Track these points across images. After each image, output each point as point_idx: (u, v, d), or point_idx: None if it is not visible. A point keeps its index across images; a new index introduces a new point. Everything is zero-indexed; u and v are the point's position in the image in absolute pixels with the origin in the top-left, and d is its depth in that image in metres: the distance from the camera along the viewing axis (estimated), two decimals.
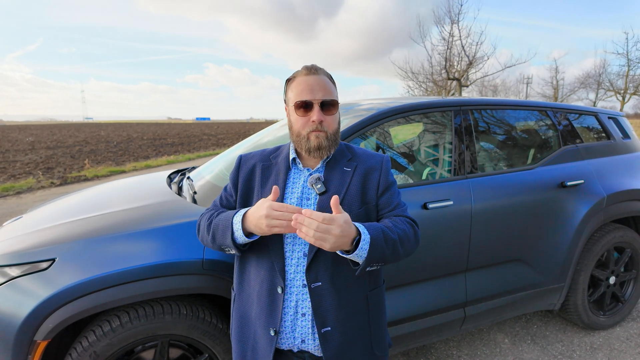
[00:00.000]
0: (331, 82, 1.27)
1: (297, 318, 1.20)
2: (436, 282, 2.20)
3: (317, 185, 1.22)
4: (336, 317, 1.19)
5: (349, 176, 1.26)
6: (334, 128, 1.24)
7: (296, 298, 1.19)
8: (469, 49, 18.32)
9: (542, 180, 2.47)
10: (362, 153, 1.34)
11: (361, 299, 1.24)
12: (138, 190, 2.48)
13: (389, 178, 1.30)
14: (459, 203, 2.18)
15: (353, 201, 1.23)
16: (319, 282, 1.18)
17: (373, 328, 1.27)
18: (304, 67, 1.27)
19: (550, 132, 2.76)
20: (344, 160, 1.29)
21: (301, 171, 1.29)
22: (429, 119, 2.45)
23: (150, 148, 20.12)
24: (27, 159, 15.25)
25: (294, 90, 1.23)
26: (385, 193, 1.28)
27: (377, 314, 1.30)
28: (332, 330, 1.18)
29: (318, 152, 1.22)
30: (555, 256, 2.51)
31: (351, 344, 1.22)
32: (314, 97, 1.20)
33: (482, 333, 2.88)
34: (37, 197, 7.77)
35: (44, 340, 1.55)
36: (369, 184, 1.27)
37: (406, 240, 1.19)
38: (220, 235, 1.20)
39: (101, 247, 1.66)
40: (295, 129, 1.24)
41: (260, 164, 1.32)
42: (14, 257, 1.64)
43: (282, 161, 1.31)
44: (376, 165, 1.30)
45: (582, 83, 34.30)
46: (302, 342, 1.20)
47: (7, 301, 1.55)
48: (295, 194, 1.24)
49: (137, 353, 1.71)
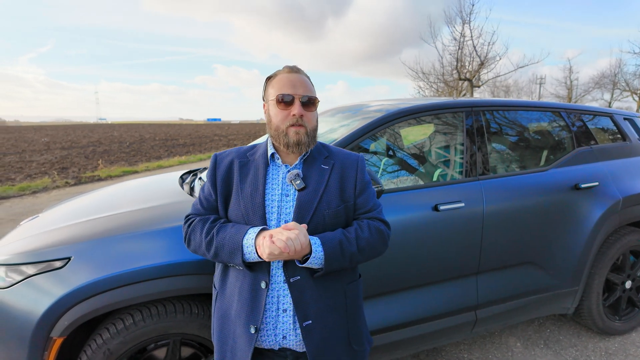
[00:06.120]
0: (311, 84, 1.31)
1: (279, 314, 1.22)
2: (447, 285, 2.19)
3: (297, 182, 1.25)
4: (316, 309, 1.22)
5: (327, 173, 1.29)
6: (313, 125, 1.28)
7: (277, 294, 1.22)
8: (481, 49, 18.17)
9: (555, 182, 2.43)
10: (337, 152, 1.38)
11: (340, 292, 1.28)
12: (150, 190, 2.52)
13: (364, 177, 1.35)
14: (471, 205, 2.16)
15: (332, 198, 1.27)
16: (298, 277, 1.21)
17: (350, 323, 1.30)
18: (285, 66, 1.32)
19: (563, 134, 2.73)
20: (321, 158, 1.33)
21: (279, 167, 1.31)
22: (440, 120, 2.43)
23: (163, 148, 20.36)
24: (43, 159, 15.56)
25: (275, 86, 1.27)
26: (362, 194, 1.32)
27: (354, 307, 1.33)
28: (313, 323, 1.21)
29: (297, 148, 1.25)
30: (569, 259, 2.47)
31: (332, 337, 1.25)
32: (296, 92, 1.24)
33: (494, 336, 2.85)
34: (52, 197, 7.92)
35: (60, 337, 1.58)
36: (347, 182, 1.31)
37: (369, 248, 1.26)
38: (227, 255, 1.19)
39: (114, 246, 1.69)
40: (275, 123, 1.26)
41: (238, 161, 1.33)
42: (30, 255, 1.67)
43: (260, 157, 1.32)
44: (352, 165, 1.34)
45: (596, 83, 33.68)
46: (284, 338, 1.22)
47: (24, 299, 1.59)
48: (276, 191, 1.27)
49: (149, 351, 1.73)
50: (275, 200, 1.25)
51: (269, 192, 1.26)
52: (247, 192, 1.26)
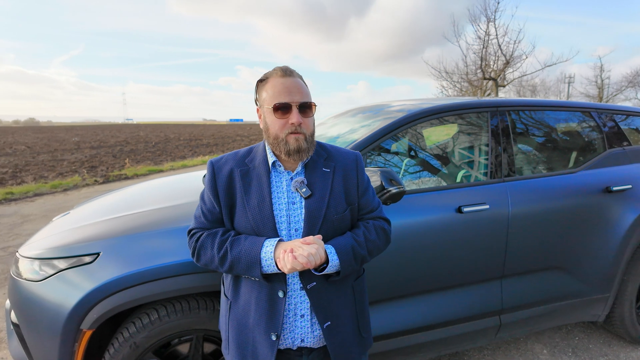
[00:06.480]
0: (305, 86, 1.27)
1: (297, 319, 1.24)
2: (470, 288, 2.15)
3: (302, 189, 1.23)
4: (333, 310, 1.26)
5: (330, 177, 1.28)
6: (311, 130, 1.25)
7: (295, 301, 1.24)
8: (506, 47, 17.72)
9: (585, 185, 2.35)
10: (335, 151, 1.36)
11: (349, 289, 1.31)
12: (175, 189, 2.57)
13: (364, 176, 1.35)
14: (496, 207, 2.11)
15: (338, 203, 1.26)
16: (314, 282, 1.22)
17: (359, 315, 1.34)
18: (278, 68, 1.25)
19: (594, 134, 2.63)
20: (321, 160, 1.31)
21: (281, 174, 1.28)
22: (463, 120, 2.39)
23: (187, 148, 20.79)
24: (73, 157, 16.15)
25: (269, 91, 1.21)
26: (365, 194, 1.33)
27: (362, 301, 1.37)
28: (332, 324, 1.25)
29: (298, 155, 1.22)
30: (600, 265, 2.38)
31: (347, 332, 1.29)
32: (292, 99, 1.19)
33: (519, 342, 2.78)
34: (81, 194, 8.21)
35: (89, 329, 1.64)
36: (349, 184, 1.30)
37: (375, 250, 1.30)
38: (244, 269, 1.19)
39: (140, 243, 1.73)
40: (273, 132, 1.22)
41: (238, 169, 1.28)
42: (62, 250, 1.74)
43: (260, 165, 1.28)
44: (352, 165, 1.33)
45: (630, 82, 32.23)
46: (302, 341, 1.26)
47: (56, 292, 1.66)
48: (282, 199, 1.24)
49: (173, 346, 1.77)
50: (282, 209, 1.23)
51: (275, 202, 1.24)
52: (253, 204, 1.23)
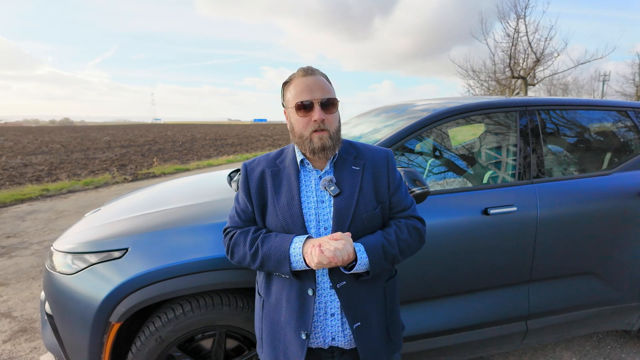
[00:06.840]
0: (329, 83, 1.27)
1: (327, 318, 1.24)
2: (496, 292, 2.10)
3: (331, 188, 1.23)
4: (363, 310, 1.24)
5: (359, 175, 1.27)
6: (335, 126, 1.24)
7: (325, 300, 1.24)
8: (537, 45, 17.11)
9: (619, 187, 2.25)
10: (365, 149, 1.34)
11: (380, 290, 1.30)
12: (201, 187, 2.63)
13: (396, 175, 1.33)
14: (524, 209, 2.05)
15: (368, 201, 1.25)
16: (344, 282, 1.22)
17: (389, 317, 1.32)
18: (300, 69, 1.27)
19: (630, 135, 2.51)
20: (350, 159, 1.30)
21: (310, 172, 1.28)
22: (491, 120, 2.33)
23: (212, 148, 21.21)
24: (104, 156, 16.75)
25: (292, 92, 1.23)
26: (396, 192, 1.31)
27: (392, 301, 1.35)
28: (362, 324, 1.24)
29: (323, 153, 1.22)
30: (635, 271, 2.27)
31: (377, 334, 1.28)
32: (314, 96, 1.20)
33: (547, 349, 2.69)
34: (112, 191, 8.51)
35: (117, 322, 1.70)
36: (380, 182, 1.29)
37: (408, 249, 1.27)
38: (274, 265, 1.21)
39: (167, 239, 1.78)
40: (298, 131, 1.23)
41: (269, 170, 1.31)
42: (93, 245, 1.81)
43: (290, 165, 1.30)
44: (382, 162, 1.31)
45: None
46: (333, 339, 1.25)
47: (88, 285, 1.72)
48: (311, 198, 1.25)
49: (197, 341, 1.81)
50: (312, 207, 1.25)
51: (304, 200, 1.25)
52: (283, 203, 1.25)
